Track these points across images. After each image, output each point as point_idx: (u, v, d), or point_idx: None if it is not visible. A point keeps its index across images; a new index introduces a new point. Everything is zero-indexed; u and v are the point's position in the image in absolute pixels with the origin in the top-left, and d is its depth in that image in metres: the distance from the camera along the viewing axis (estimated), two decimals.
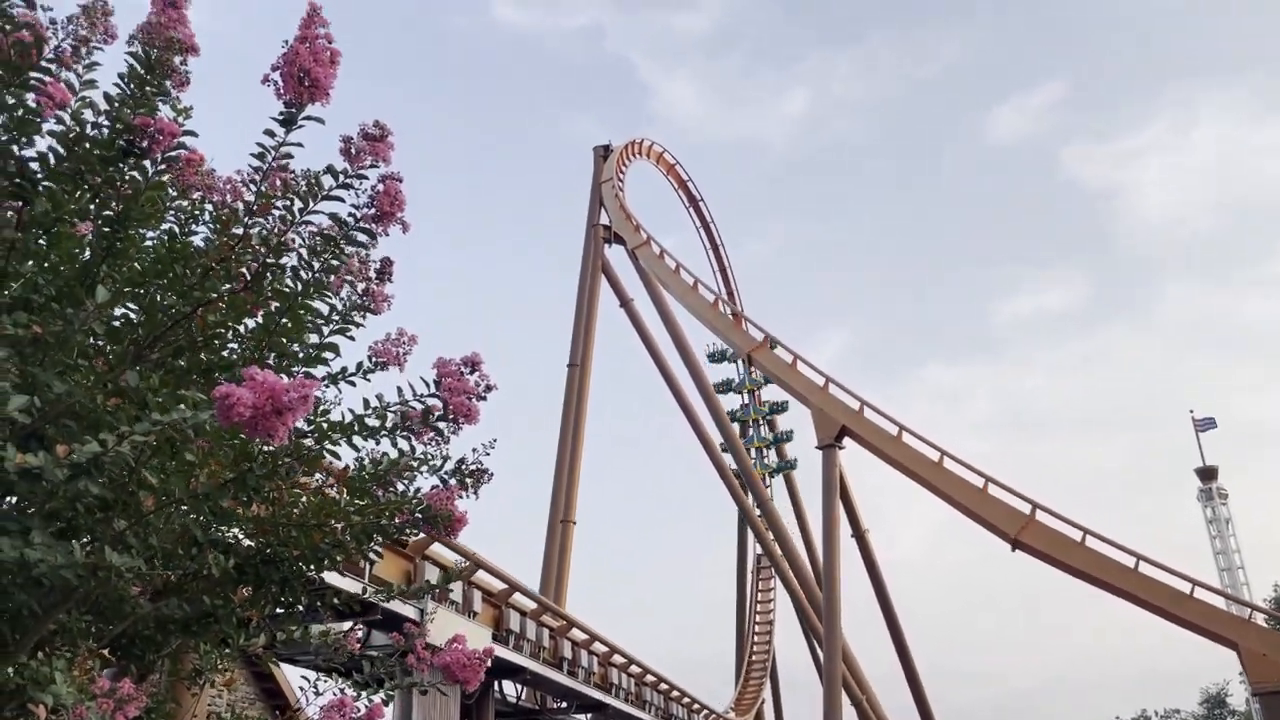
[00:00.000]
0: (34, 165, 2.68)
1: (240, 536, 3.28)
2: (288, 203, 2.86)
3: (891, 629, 35.16)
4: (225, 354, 2.93)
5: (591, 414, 40.99)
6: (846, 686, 35.02)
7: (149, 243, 2.98)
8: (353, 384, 3.35)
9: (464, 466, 3.31)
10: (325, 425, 2.92)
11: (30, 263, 2.77)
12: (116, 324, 2.81)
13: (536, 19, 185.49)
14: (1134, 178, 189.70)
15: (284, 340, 2.95)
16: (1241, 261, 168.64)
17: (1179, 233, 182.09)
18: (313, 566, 3.58)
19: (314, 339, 2.96)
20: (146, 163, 2.78)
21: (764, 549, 43.12)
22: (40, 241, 2.80)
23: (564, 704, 25.41)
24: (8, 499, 2.61)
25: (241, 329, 2.93)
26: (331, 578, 13.85)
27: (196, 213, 3.15)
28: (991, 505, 27.45)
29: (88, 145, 2.63)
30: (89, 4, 2.92)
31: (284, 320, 2.87)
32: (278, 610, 3.85)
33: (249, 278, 2.81)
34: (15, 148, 2.67)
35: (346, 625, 4.80)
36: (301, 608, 3.91)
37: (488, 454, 3.31)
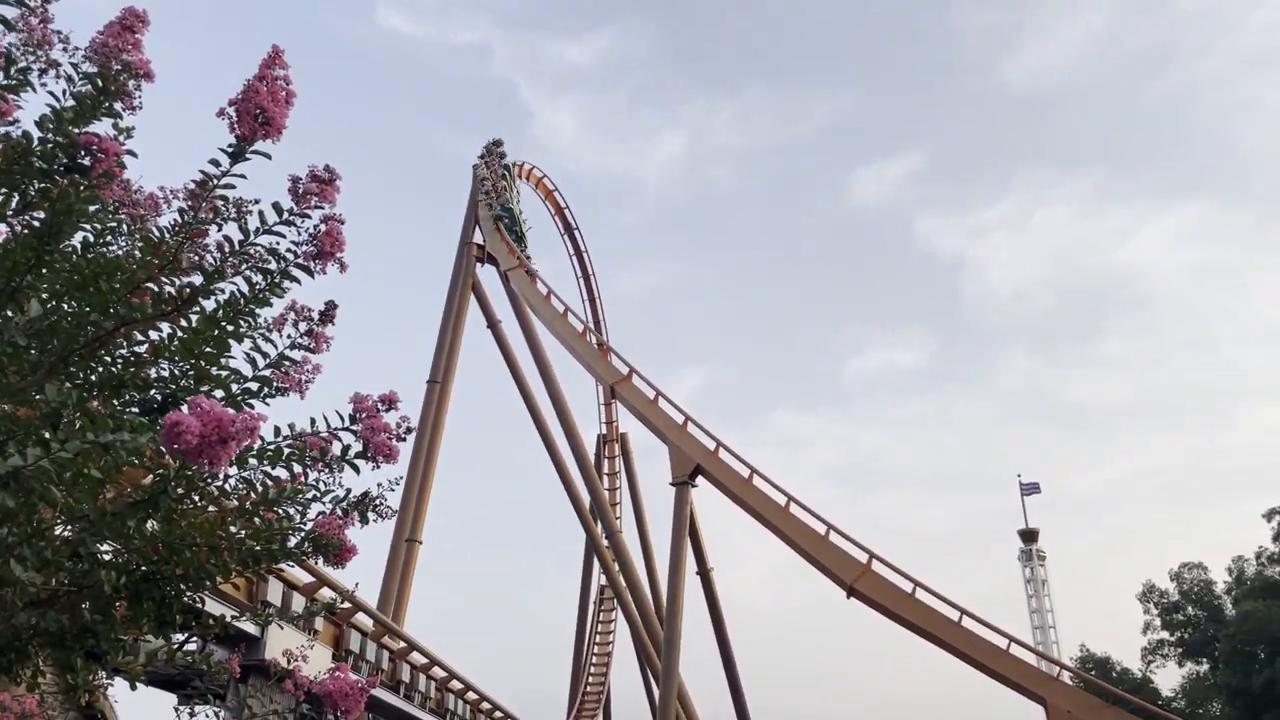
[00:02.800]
0: None
1: (130, 554, 3.26)
2: (221, 230, 2.91)
3: (727, 667, 35.84)
4: (145, 373, 2.94)
5: (450, 433, 40.52)
6: None
7: (70, 253, 2.97)
8: (251, 406, 3.38)
9: (368, 500, 3.37)
10: (252, 451, 2.96)
11: None
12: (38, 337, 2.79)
13: (423, 31, 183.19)
14: (982, 252, 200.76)
15: (204, 364, 2.97)
16: (1072, 341, 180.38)
17: (1020, 308, 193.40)
18: (193, 586, 3.57)
19: (248, 369, 3.00)
20: (79, 177, 2.79)
21: (609, 580, 43.30)
22: None
23: None
24: None
25: (164, 349, 2.94)
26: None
27: (112, 224, 3.15)
28: (831, 552, 28.44)
29: (31, 158, 2.62)
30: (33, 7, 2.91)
31: (208, 348, 2.91)
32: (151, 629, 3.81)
33: (179, 301, 2.84)
34: None
35: (184, 639, 4.71)
36: (176, 628, 3.87)
37: (393, 489, 3.39)
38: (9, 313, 2.65)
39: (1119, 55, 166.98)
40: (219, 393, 3.19)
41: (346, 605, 19.19)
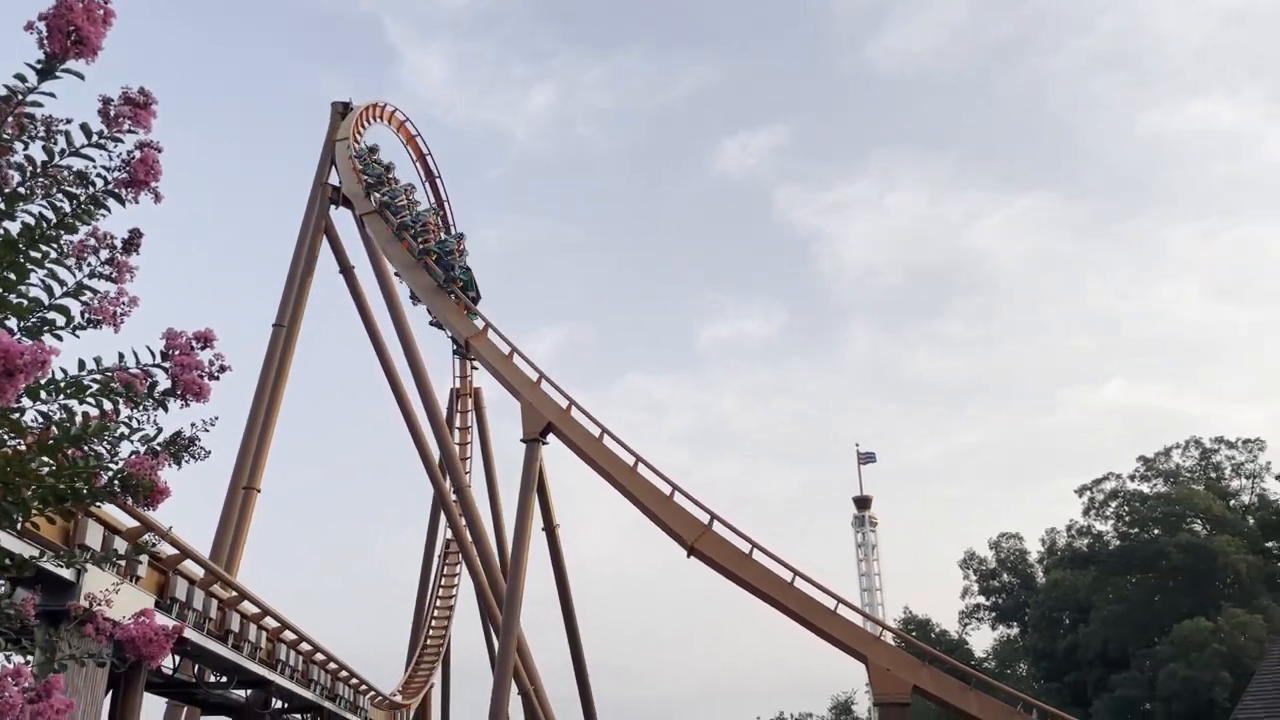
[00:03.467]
0: None
1: None
2: (27, 149, 2.75)
3: (568, 622, 36.28)
4: None
5: (297, 381, 39.28)
6: (517, 676, 35.74)
7: None
8: (59, 338, 3.22)
9: (180, 439, 3.26)
10: (41, 382, 2.81)
11: None
12: None
13: None
14: (838, 227, 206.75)
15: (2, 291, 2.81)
16: (916, 319, 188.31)
17: (869, 284, 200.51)
18: None
19: (44, 298, 2.84)
20: None
21: (454, 534, 43.07)
22: None
23: (224, 679, 24.18)
24: None
25: None
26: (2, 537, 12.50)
27: None
28: (675, 512, 29.09)
29: None
30: None
31: (9, 273, 2.75)
32: None
33: None
34: None
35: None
36: None
37: (208, 430, 3.29)
38: None
39: (977, 45, 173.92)
40: (15, 322, 3.03)
41: (174, 552, 18.49)
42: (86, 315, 3.21)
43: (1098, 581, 48.40)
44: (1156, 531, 48.14)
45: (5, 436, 3.13)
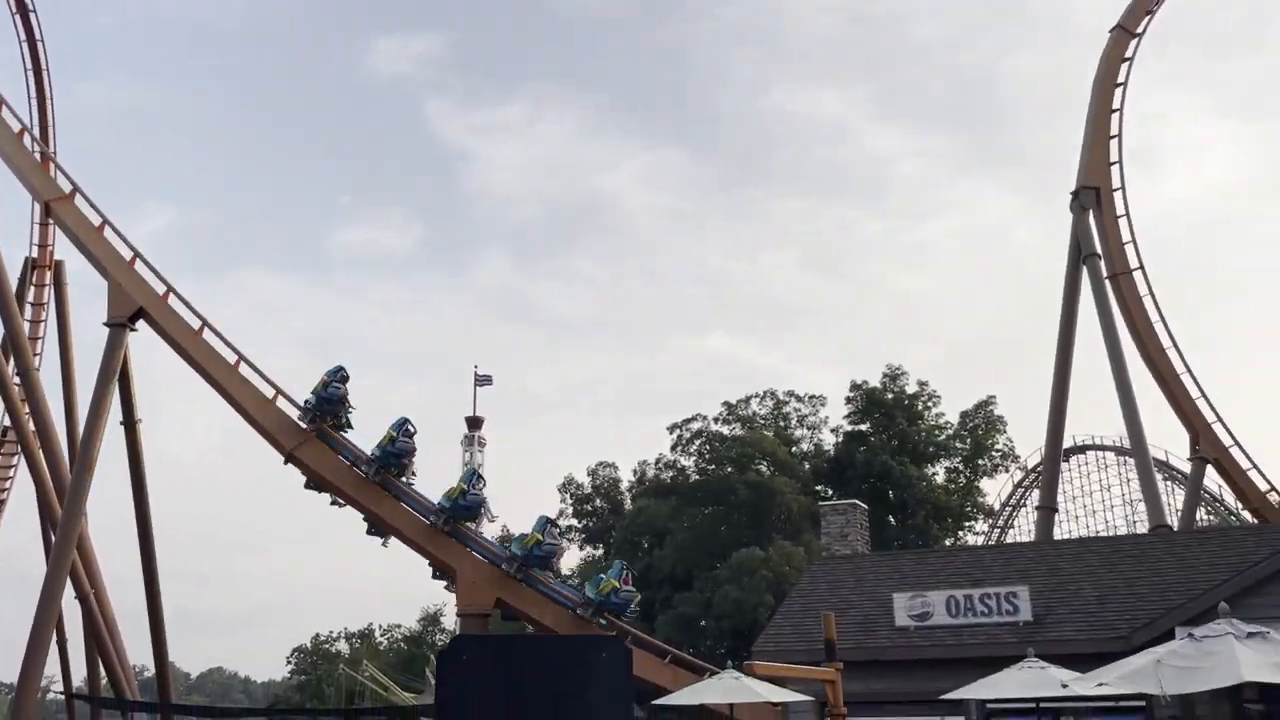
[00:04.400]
0: None
1: None
2: None
3: (141, 526, 33.52)
4: None
5: None
6: (76, 580, 32.68)
7: None
8: None
9: None
10: None
11: None
12: None
13: None
14: (486, 150, 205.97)
15: None
16: (550, 252, 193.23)
17: (510, 212, 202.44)
18: None
19: None
20: None
21: (13, 421, 38.08)
22: None
23: None
24: None
25: None
26: None
27: None
28: (276, 417, 27.77)
29: None
30: None
31: None
32: None
33: None
34: None
35: None
36: None
37: None
38: None
39: None
40: None
41: None
42: None
43: (676, 511, 53.01)
44: (730, 470, 53.52)
45: None
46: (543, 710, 3.07)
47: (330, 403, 26.99)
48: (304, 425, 27.22)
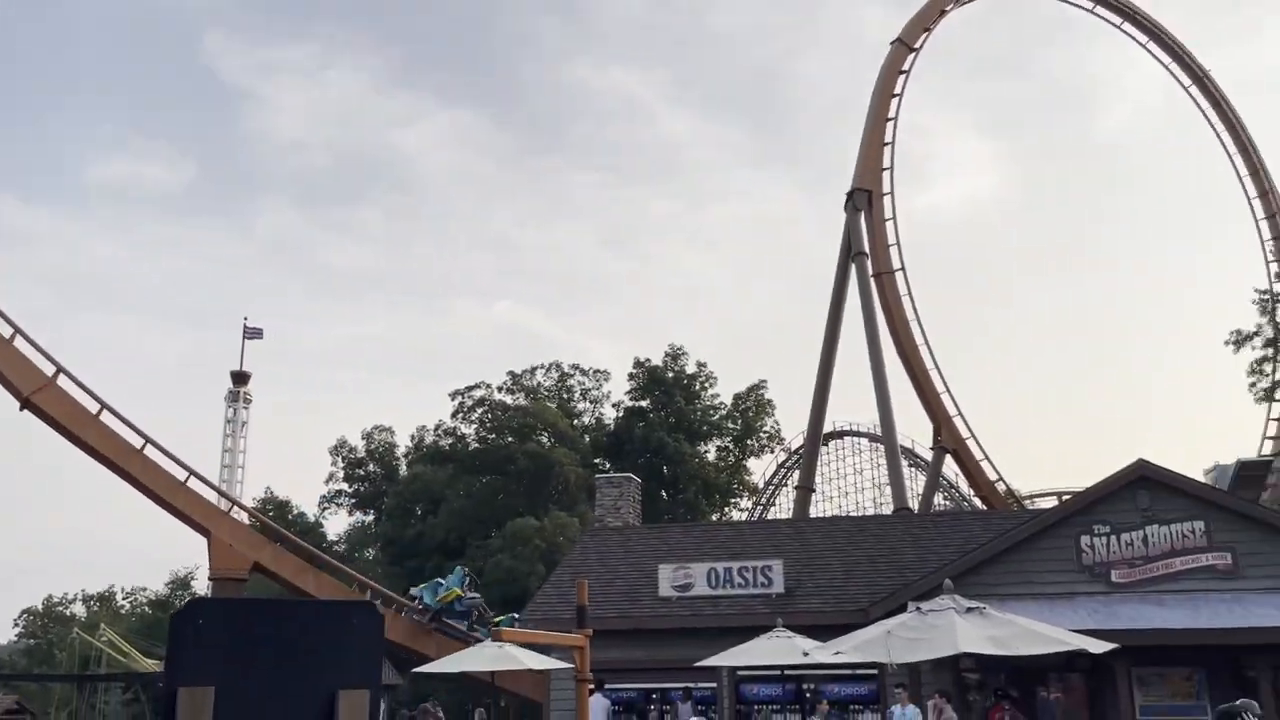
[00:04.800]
0: None
1: None
2: None
3: None
4: None
5: None
6: None
7: None
8: None
9: None
10: None
11: None
12: None
13: None
14: (270, 91, 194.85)
15: None
16: (336, 204, 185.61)
17: (295, 159, 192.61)
18: None
19: None
20: None
21: None
22: None
23: None
24: None
25: None
26: None
27: None
28: (13, 359, 25.40)
29: None
30: None
31: None
32: None
33: None
34: None
35: None
36: None
37: None
38: None
39: None
40: None
41: None
42: None
43: (453, 478, 52.45)
44: (511, 439, 53.47)
45: None
46: (286, 675, 2.97)
47: (462, 617, 27.52)
48: (423, 623, 27.33)
